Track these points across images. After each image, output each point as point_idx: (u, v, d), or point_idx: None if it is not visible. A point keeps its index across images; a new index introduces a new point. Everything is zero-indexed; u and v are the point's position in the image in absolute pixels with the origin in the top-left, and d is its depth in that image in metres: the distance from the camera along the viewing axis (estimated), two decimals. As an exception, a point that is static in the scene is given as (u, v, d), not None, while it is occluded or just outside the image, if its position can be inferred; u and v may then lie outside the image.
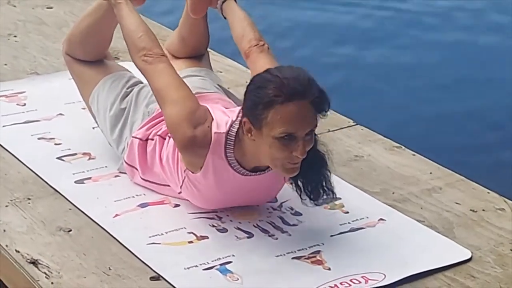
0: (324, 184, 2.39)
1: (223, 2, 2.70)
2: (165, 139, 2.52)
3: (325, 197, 2.41)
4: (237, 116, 2.36)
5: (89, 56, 2.85)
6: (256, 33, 2.63)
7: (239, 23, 2.66)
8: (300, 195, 2.42)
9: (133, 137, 2.61)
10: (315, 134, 2.31)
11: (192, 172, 2.40)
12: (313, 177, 2.38)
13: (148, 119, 2.62)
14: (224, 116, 2.40)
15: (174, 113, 2.36)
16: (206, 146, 2.34)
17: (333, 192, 2.41)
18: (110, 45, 2.92)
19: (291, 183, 2.42)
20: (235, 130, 2.35)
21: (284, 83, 2.22)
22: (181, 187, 2.48)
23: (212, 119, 2.37)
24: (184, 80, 2.59)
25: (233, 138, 2.35)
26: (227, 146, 2.35)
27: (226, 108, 2.53)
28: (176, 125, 2.35)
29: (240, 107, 2.37)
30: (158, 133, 2.55)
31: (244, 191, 2.46)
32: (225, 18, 2.72)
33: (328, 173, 2.40)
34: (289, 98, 2.21)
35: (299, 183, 2.39)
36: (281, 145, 2.23)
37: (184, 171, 2.42)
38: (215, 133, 2.34)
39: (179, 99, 2.38)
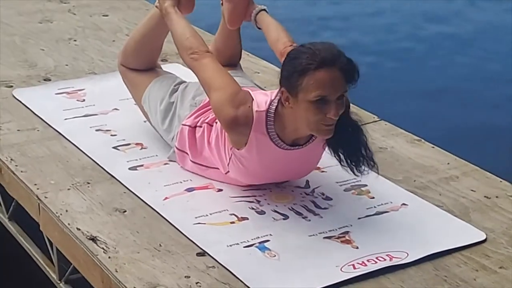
0: (363, 151, 2.36)
1: (256, 14, 2.71)
2: (212, 125, 2.52)
3: (365, 163, 2.37)
4: (276, 95, 2.36)
5: (141, 64, 2.87)
6: (289, 37, 2.64)
7: (273, 29, 2.67)
8: (341, 164, 2.38)
9: (182, 124, 2.62)
10: (348, 106, 2.31)
11: (238, 149, 2.40)
12: (351, 144, 2.35)
13: (195, 109, 2.63)
14: (264, 97, 2.40)
15: (218, 97, 2.37)
16: (248, 124, 2.34)
17: (373, 160, 2.37)
18: (160, 53, 2.93)
19: (333, 153, 2.38)
20: (274, 107, 2.35)
21: (316, 53, 2.23)
22: (228, 165, 2.47)
23: (253, 99, 2.37)
24: None
25: (273, 115, 2.35)
26: (268, 123, 2.35)
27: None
28: (220, 107, 2.35)
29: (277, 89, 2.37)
30: (206, 121, 2.56)
31: (284, 164, 2.45)
32: (259, 29, 2.73)
33: (365, 139, 2.36)
34: (320, 65, 2.22)
35: (340, 152, 2.37)
36: (316, 108, 2.23)
37: (231, 149, 2.42)
38: (256, 111, 2.34)
39: (222, 84, 2.39)
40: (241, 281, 2.15)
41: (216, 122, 2.48)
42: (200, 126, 2.57)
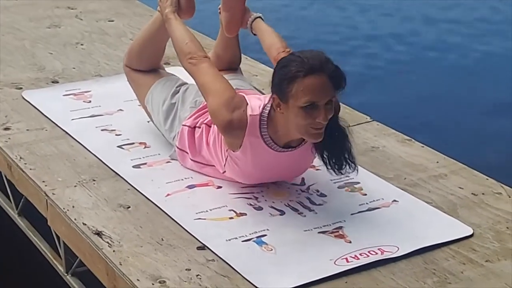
0: (346, 155, 2.36)
1: (252, 22, 2.70)
2: (210, 126, 2.52)
3: (347, 167, 2.37)
4: (269, 100, 2.35)
5: (145, 65, 2.85)
6: (283, 42, 2.63)
7: (268, 35, 2.66)
8: (326, 166, 2.38)
9: (183, 125, 2.61)
10: (338, 112, 2.30)
11: (233, 151, 2.38)
12: (336, 148, 2.34)
13: (195, 111, 2.62)
14: (257, 101, 2.39)
15: (215, 102, 2.36)
16: (243, 128, 2.33)
17: (355, 164, 2.37)
18: (163, 56, 2.91)
19: (318, 155, 2.39)
20: (267, 111, 2.34)
21: (304, 61, 2.22)
22: (224, 165, 2.46)
23: (247, 104, 2.36)
24: None
25: (266, 119, 2.34)
26: (261, 126, 2.34)
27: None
28: (217, 111, 2.34)
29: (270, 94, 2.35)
30: (205, 122, 2.55)
31: (277, 165, 2.43)
32: (254, 34, 2.72)
33: (349, 145, 2.36)
34: (309, 72, 2.21)
35: (325, 154, 2.36)
36: (305, 113, 2.22)
37: (226, 151, 2.42)
38: (250, 115, 2.33)
39: (219, 89, 2.38)
40: (239, 273, 2.14)
41: (214, 124, 2.47)
42: (199, 127, 2.57)
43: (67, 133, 2.92)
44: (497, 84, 5.38)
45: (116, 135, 2.91)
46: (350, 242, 2.28)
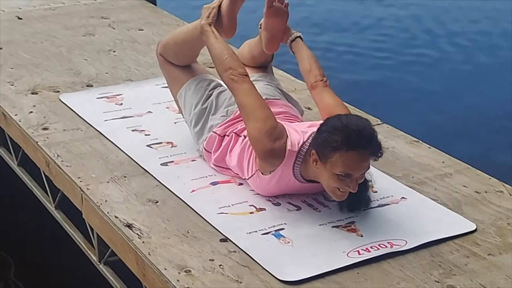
0: (362, 203, 2.36)
1: (292, 41, 2.63)
2: (239, 136, 2.48)
3: (361, 209, 2.37)
4: (307, 139, 2.32)
5: (180, 62, 2.76)
6: (320, 70, 2.58)
7: (307, 59, 2.60)
8: (340, 209, 2.38)
9: (213, 131, 2.58)
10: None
11: (262, 173, 2.38)
12: (355, 200, 2.32)
13: (227, 120, 2.58)
14: (296, 135, 2.34)
15: (257, 128, 2.31)
16: (280, 158, 2.30)
17: (368, 205, 2.37)
18: (198, 55, 2.82)
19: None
20: (305, 150, 2.31)
21: (351, 135, 2.17)
22: (249, 178, 2.45)
23: (287, 136, 2.32)
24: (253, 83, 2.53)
25: (302, 157, 2.31)
26: (296, 162, 2.32)
27: (291, 120, 2.51)
28: (258, 139, 2.31)
29: (310, 130, 2.33)
30: (235, 131, 2.51)
31: (298, 190, 2.43)
32: (293, 53, 2.65)
33: (368, 196, 2.36)
34: (352, 148, 2.17)
35: (344, 201, 2.34)
36: (338, 179, 2.21)
37: (256, 170, 2.40)
38: (289, 150, 2.30)
39: (262, 117, 2.33)
40: (259, 264, 2.14)
41: (244, 136, 2.44)
42: (228, 135, 2.53)
43: (100, 133, 2.93)
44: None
45: (146, 135, 2.91)
46: (362, 236, 2.27)
